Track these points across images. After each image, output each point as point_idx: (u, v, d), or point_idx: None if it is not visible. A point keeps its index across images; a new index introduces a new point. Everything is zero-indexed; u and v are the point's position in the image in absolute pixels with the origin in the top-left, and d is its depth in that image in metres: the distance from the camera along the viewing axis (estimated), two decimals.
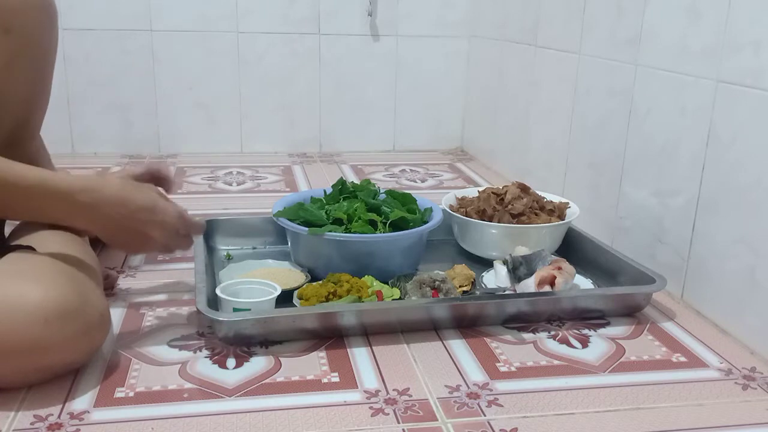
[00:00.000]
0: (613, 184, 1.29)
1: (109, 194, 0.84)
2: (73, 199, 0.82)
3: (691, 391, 0.85)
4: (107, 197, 0.84)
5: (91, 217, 0.84)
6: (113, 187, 0.85)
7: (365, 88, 2.05)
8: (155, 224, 0.87)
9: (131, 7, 1.86)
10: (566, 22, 1.47)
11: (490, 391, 0.84)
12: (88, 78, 1.86)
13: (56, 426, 0.75)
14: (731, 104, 0.99)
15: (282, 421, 0.77)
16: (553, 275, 1.02)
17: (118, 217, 0.85)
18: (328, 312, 0.95)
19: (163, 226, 0.88)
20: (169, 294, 1.08)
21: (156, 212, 0.87)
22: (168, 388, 0.83)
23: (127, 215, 0.85)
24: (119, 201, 0.84)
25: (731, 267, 1.00)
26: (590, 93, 1.38)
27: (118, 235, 0.87)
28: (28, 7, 0.83)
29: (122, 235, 0.87)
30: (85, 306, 0.80)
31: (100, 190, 0.83)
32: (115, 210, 0.84)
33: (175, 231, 0.90)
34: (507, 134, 1.81)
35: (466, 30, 2.05)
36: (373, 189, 1.20)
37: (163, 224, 0.88)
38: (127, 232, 0.86)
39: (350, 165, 1.93)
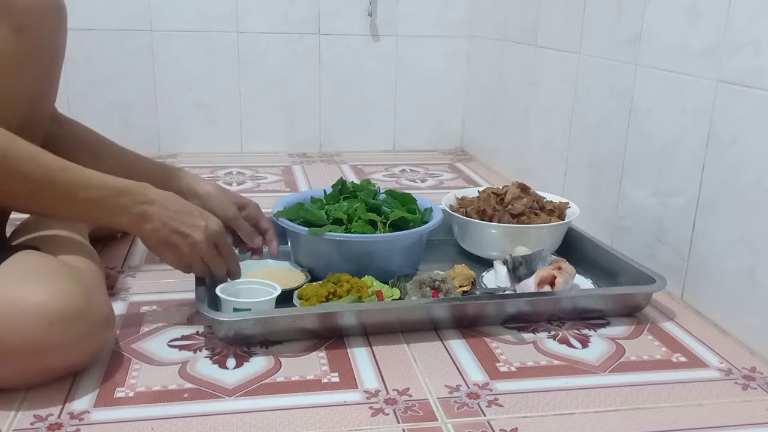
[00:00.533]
0: (613, 184, 1.29)
1: (156, 194, 0.89)
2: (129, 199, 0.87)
3: (691, 391, 0.85)
4: (154, 198, 0.88)
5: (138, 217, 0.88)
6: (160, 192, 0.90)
7: (365, 88, 2.05)
8: (197, 226, 0.91)
9: (131, 7, 1.86)
10: (566, 22, 1.47)
11: (490, 391, 0.84)
12: (88, 78, 1.86)
13: (56, 426, 0.75)
14: (731, 104, 0.99)
15: (282, 421, 0.77)
16: (553, 275, 1.02)
17: (165, 217, 0.88)
18: (328, 312, 0.95)
19: (205, 229, 0.91)
20: (169, 294, 1.08)
21: (199, 217, 0.92)
22: (168, 388, 0.83)
23: (170, 216, 0.89)
24: (164, 201, 0.89)
25: (731, 267, 1.00)
26: (590, 93, 1.38)
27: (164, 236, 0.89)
28: (40, 7, 0.84)
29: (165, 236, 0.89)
30: (90, 307, 0.81)
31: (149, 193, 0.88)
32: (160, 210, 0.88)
33: (214, 242, 0.93)
34: (507, 134, 1.81)
35: (466, 30, 2.05)
36: (373, 189, 1.20)
37: (205, 228, 0.91)
38: (171, 232, 0.89)
39: (350, 165, 1.93)
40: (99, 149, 1.08)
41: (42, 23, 0.85)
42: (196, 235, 0.90)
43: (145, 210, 0.88)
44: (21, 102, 0.86)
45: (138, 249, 1.27)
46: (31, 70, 0.86)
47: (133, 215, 0.87)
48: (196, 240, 0.91)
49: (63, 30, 0.91)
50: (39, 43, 0.86)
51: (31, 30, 0.84)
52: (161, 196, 0.89)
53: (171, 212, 0.89)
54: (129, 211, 0.87)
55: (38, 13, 0.84)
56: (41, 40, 0.86)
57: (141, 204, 0.87)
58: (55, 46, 0.90)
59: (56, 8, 0.88)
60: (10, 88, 0.84)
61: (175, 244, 0.90)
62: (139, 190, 0.88)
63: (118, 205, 0.86)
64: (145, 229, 0.89)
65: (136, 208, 0.87)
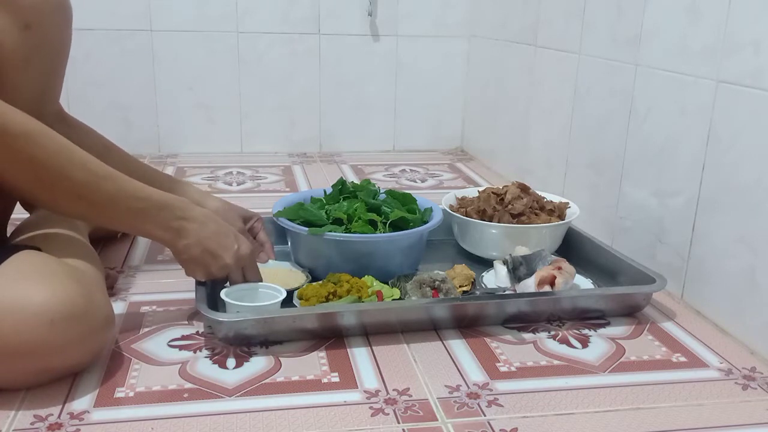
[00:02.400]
0: (613, 184, 1.29)
1: (197, 212, 0.92)
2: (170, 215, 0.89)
3: (691, 391, 0.85)
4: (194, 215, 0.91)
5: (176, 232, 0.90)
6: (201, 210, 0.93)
7: (365, 88, 2.05)
8: (229, 250, 0.94)
9: (131, 7, 1.86)
10: (566, 22, 1.47)
11: (490, 391, 0.84)
12: (88, 78, 1.86)
13: (56, 426, 0.75)
14: (731, 104, 0.99)
15: (282, 421, 0.77)
16: (553, 275, 1.02)
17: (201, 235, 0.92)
18: (328, 312, 0.95)
19: (237, 254, 0.95)
20: (169, 294, 1.08)
21: (235, 240, 0.95)
22: (168, 388, 0.83)
23: (208, 236, 0.92)
24: (204, 219, 0.92)
25: (731, 267, 1.00)
26: (590, 93, 1.38)
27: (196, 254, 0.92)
28: (47, 5, 0.86)
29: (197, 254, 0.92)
30: (91, 308, 0.81)
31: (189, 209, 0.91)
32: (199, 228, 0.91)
33: (242, 264, 0.96)
34: (507, 134, 1.81)
35: (466, 30, 2.05)
36: (373, 189, 1.20)
37: (237, 252, 0.95)
38: (204, 251, 0.92)
39: (350, 165, 1.93)
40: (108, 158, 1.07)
41: (48, 21, 0.86)
42: (226, 256, 0.94)
43: (183, 226, 0.90)
44: (26, 98, 0.87)
45: (138, 249, 1.27)
46: (37, 67, 0.87)
47: (170, 230, 0.90)
48: (226, 263, 0.94)
49: (69, 28, 0.92)
50: (45, 41, 0.86)
51: (38, 27, 0.84)
52: (201, 214, 0.92)
53: (208, 232, 0.92)
54: (168, 225, 0.90)
55: (45, 11, 0.85)
56: (47, 37, 0.87)
57: (180, 219, 0.90)
58: (60, 43, 0.91)
59: (62, 6, 0.89)
60: (16, 85, 0.85)
61: (206, 263, 0.93)
62: (180, 205, 0.91)
63: (159, 218, 0.89)
64: (179, 245, 0.91)
65: (175, 223, 0.90)
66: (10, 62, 0.83)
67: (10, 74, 0.84)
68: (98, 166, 0.85)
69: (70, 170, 0.82)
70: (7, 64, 0.83)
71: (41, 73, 0.88)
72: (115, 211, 0.87)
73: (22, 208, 1.14)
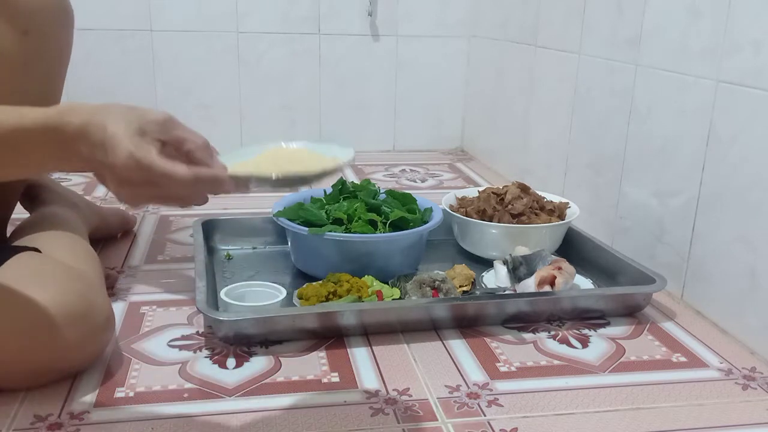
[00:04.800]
0: (613, 184, 1.29)
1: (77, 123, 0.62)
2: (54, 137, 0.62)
3: (691, 391, 0.85)
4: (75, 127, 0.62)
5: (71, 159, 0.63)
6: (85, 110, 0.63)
7: (365, 88, 2.05)
8: (106, 168, 0.62)
9: (131, 7, 1.86)
10: (566, 22, 1.47)
11: (490, 391, 0.84)
12: (88, 78, 1.86)
13: (56, 426, 0.75)
14: (731, 104, 0.99)
15: (282, 421, 0.77)
16: (553, 275, 1.02)
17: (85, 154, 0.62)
18: (328, 312, 0.95)
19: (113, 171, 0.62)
20: (169, 294, 1.08)
21: (106, 149, 0.61)
22: (168, 388, 0.83)
23: (88, 154, 0.62)
24: (83, 129, 0.61)
25: (731, 267, 1.00)
26: (590, 93, 1.38)
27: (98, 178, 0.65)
28: (46, 9, 0.84)
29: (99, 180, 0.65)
30: (91, 309, 0.81)
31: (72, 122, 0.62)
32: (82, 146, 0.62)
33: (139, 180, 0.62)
34: (507, 134, 1.81)
35: (466, 30, 2.05)
36: (373, 189, 1.20)
37: (112, 169, 0.61)
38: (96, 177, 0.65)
39: (350, 165, 1.93)
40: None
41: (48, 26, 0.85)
42: (109, 180, 0.64)
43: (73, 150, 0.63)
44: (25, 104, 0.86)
45: (138, 249, 1.27)
46: (37, 73, 0.86)
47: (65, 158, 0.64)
48: (113, 189, 0.64)
49: (69, 33, 0.91)
50: (45, 46, 0.85)
51: (37, 32, 0.83)
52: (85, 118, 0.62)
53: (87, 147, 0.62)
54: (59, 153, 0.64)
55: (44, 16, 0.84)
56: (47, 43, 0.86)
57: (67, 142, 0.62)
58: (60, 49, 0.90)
59: (62, 11, 0.88)
60: (15, 90, 0.84)
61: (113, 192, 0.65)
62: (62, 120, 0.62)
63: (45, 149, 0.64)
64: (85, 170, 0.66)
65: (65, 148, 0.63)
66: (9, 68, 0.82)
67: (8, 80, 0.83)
68: None
69: None
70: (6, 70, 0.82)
71: (41, 78, 0.88)
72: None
73: (22, 209, 1.15)
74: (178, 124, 0.66)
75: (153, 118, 0.63)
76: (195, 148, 0.65)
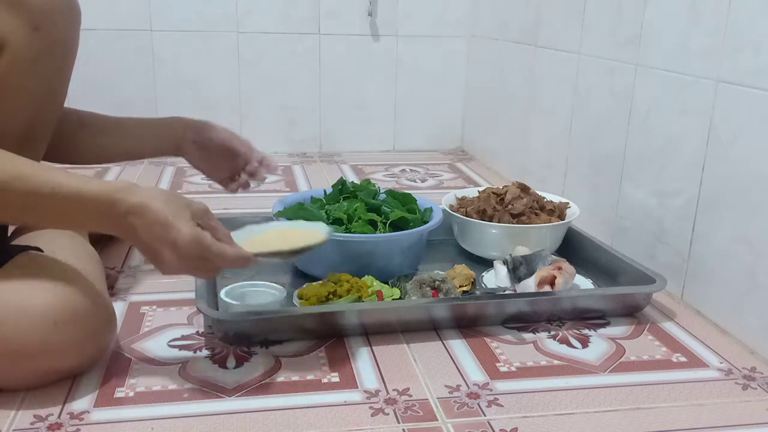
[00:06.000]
0: (613, 184, 1.29)
1: (133, 201, 0.77)
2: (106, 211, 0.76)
3: (691, 391, 0.85)
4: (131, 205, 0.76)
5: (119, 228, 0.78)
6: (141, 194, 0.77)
7: (365, 88, 2.05)
8: (167, 242, 0.77)
9: (131, 7, 1.86)
10: (566, 22, 1.47)
11: (490, 391, 0.84)
12: (88, 78, 1.86)
13: (56, 426, 0.75)
14: (731, 104, 0.99)
15: (282, 421, 0.77)
16: (553, 275, 1.02)
17: (138, 229, 0.77)
18: (328, 312, 0.95)
19: (174, 248, 0.77)
20: (169, 294, 1.08)
21: (170, 229, 0.76)
22: (168, 388, 0.83)
23: (143, 227, 0.77)
24: (140, 210, 0.76)
25: (731, 267, 1.00)
26: (590, 93, 1.38)
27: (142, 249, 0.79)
28: (56, 8, 0.86)
29: (144, 249, 0.79)
30: (93, 309, 0.81)
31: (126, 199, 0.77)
32: (135, 220, 0.77)
33: (193, 255, 0.77)
34: (507, 134, 1.81)
35: (466, 30, 2.05)
36: (373, 189, 1.20)
37: (174, 246, 0.77)
38: (147, 247, 0.78)
39: (350, 165, 1.93)
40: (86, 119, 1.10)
41: (57, 23, 0.86)
42: (165, 252, 0.77)
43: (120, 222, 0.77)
44: (34, 100, 0.87)
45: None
46: (45, 69, 0.87)
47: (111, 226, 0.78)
48: (166, 258, 0.78)
49: (77, 31, 0.92)
50: (54, 43, 0.87)
51: (47, 29, 0.85)
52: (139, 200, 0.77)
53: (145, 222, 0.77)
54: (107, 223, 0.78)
55: (55, 13, 0.86)
56: (56, 39, 0.87)
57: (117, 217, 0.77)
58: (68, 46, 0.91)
59: (71, 9, 0.89)
60: (24, 86, 0.85)
61: (154, 258, 0.80)
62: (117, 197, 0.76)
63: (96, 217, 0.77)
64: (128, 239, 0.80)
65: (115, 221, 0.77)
66: (18, 63, 0.83)
67: (16, 75, 0.84)
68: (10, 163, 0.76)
69: None
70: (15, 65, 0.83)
71: (48, 75, 0.88)
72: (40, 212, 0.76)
73: None
74: (211, 215, 0.82)
75: (197, 208, 0.81)
76: (222, 236, 0.81)
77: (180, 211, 0.78)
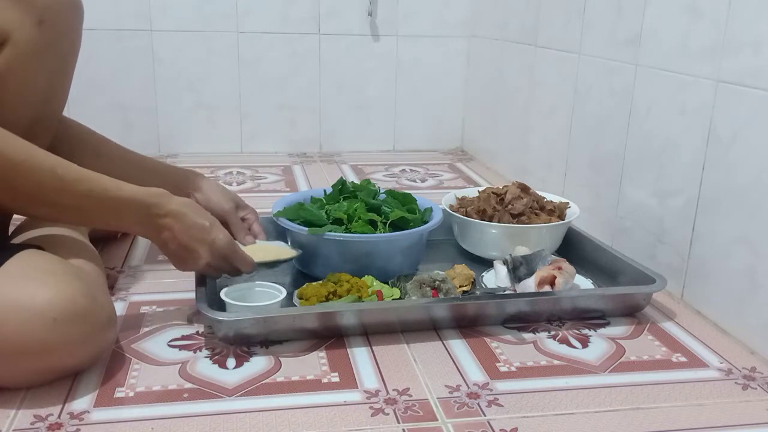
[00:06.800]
0: (613, 184, 1.29)
1: (173, 207, 0.90)
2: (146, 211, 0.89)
3: (691, 391, 0.85)
4: (170, 210, 0.90)
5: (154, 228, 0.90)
6: (178, 202, 0.91)
7: (365, 88, 2.05)
8: (204, 243, 0.92)
9: (131, 7, 1.86)
10: (566, 22, 1.47)
11: (490, 391, 0.84)
12: (88, 78, 1.86)
13: (56, 426, 0.75)
14: (731, 104, 0.99)
15: (282, 421, 0.77)
16: (553, 275, 1.02)
17: (176, 230, 0.90)
18: (328, 312, 0.95)
19: (212, 247, 0.93)
20: (169, 294, 1.08)
21: (209, 232, 0.92)
22: (168, 388, 0.83)
23: (182, 230, 0.90)
24: (180, 214, 0.90)
25: (731, 267, 1.00)
26: (590, 93, 1.38)
27: (173, 249, 0.92)
28: (60, 3, 0.87)
29: (175, 248, 0.92)
30: (93, 307, 0.81)
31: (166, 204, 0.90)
32: (173, 222, 0.90)
33: (222, 256, 0.94)
34: (507, 134, 1.81)
35: (466, 30, 2.05)
36: (373, 189, 1.20)
37: (212, 245, 0.93)
38: (180, 246, 0.91)
39: (350, 165, 1.93)
40: (103, 150, 1.09)
41: (61, 18, 0.87)
42: (202, 251, 0.92)
43: (158, 222, 0.90)
44: (36, 95, 0.88)
45: (138, 249, 1.27)
46: (48, 64, 0.88)
47: (148, 225, 0.90)
48: (202, 257, 0.92)
49: (80, 28, 0.93)
50: (57, 38, 0.87)
51: (51, 24, 0.85)
52: (178, 207, 0.91)
53: (184, 225, 0.91)
54: (144, 221, 0.89)
55: (59, 8, 0.87)
56: (60, 35, 0.88)
57: (156, 217, 0.89)
58: (71, 42, 0.92)
59: (75, 6, 0.90)
60: (27, 81, 0.86)
61: (184, 258, 0.93)
62: (155, 201, 0.89)
63: (134, 215, 0.88)
64: (158, 240, 0.92)
65: (150, 220, 0.89)
66: (22, 57, 0.84)
67: (20, 70, 0.84)
68: (67, 169, 0.83)
69: (39, 177, 0.81)
70: (19, 59, 0.84)
71: (51, 70, 0.89)
72: (89, 212, 0.87)
73: None
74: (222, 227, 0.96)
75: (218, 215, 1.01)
76: None
77: (214, 220, 0.94)
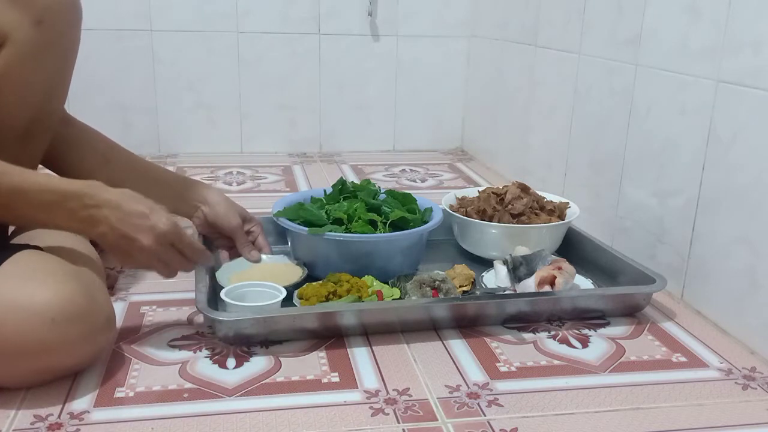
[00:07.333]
0: (613, 184, 1.29)
1: (107, 197, 0.83)
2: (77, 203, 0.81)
3: (691, 391, 0.85)
4: (105, 199, 0.82)
5: (88, 222, 0.83)
6: (111, 191, 0.84)
7: (365, 88, 2.05)
8: (145, 231, 0.83)
9: (131, 7, 1.86)
10: (566, 22, 1.47)
11: (490, 391, 0.84)
12: (88, 78, 1.86)
13: (56, 426, 0.75)
14: (731, 104, 0.99)
15: (282, 421, 0.77)
16: (553, 275, 1.02)
17: (113, 220, 0.82)
18: (328, 312, 0.95)
19: (153, 231, 0.84)
20: (169, 294, 1.08)
21: (149, 218, 0.84)
22: (168, 388, 0.83)
23: (119, 219, 0.82)
24: (115, 204, 0.82)
25: (731, 267, 1.00)
26: (590, 93, 1.38)
27: (113, 241, 0.84)
28: (59, 3, 0.87)
29: (114, 240, 0.84)
30: (92, 307, 0.81)
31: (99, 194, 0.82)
32: (109, 213, 0.82)
33: (168, 243, 0.86)
34: (507, 134, 1.81)
35: (466, 30, 2.05)
36: (373, 189, 1.20)
37: (154, 231, 0.84)
38: (119, 237, 0.83)
39: (350, 165, 1.93)
40: (110, 155, 1.09)
41: (60, 18, 0.87)
42: (143, 238, 0.84)
43: (92, 214, 0.82)
44: (35, 95, 0.88)
45: None
46: (47, 64, 0.88)
47: (81, 220, 0.82)
48: (144, 244, 0.84)
49: (78, 29, 0.93)
50: (56, 38, 0.88)
51: (50, 24, 0.86)
52: (113, 197, 0.83)
53: (121, 214, 0.83)
54: (77, 215, 0.82)
55: (57, 9, 0.87)
56: (58, 35, 0.88)
57: (89, 208, 0.82)
58: (70, 42, 0.92)
59: (74, 7, 0.90)
60: (26, 81, 0.86)
61: (125, 249, 0.85)
62: (89, 191, 0.82)
63: (66, 209, 0.81)
64: (93, 234, 0.85)
65: (83, 212, 0.82)
66: (21, 57, 0.84)
67: (19, 70, 0.84)
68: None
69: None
70: (18, 59, 0.84)
71: (50, 70, 0.89)
72: (17, 207, 0.81)
73: None
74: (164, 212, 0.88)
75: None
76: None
77: (156, 205, 0.86)
